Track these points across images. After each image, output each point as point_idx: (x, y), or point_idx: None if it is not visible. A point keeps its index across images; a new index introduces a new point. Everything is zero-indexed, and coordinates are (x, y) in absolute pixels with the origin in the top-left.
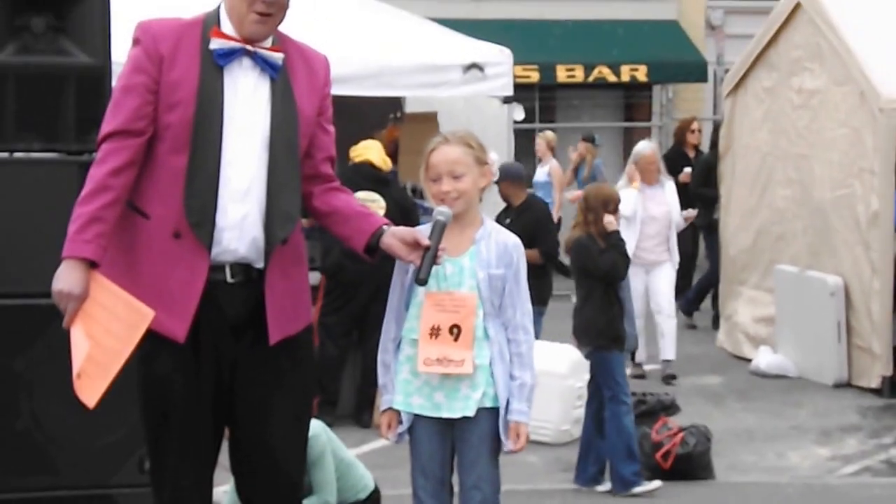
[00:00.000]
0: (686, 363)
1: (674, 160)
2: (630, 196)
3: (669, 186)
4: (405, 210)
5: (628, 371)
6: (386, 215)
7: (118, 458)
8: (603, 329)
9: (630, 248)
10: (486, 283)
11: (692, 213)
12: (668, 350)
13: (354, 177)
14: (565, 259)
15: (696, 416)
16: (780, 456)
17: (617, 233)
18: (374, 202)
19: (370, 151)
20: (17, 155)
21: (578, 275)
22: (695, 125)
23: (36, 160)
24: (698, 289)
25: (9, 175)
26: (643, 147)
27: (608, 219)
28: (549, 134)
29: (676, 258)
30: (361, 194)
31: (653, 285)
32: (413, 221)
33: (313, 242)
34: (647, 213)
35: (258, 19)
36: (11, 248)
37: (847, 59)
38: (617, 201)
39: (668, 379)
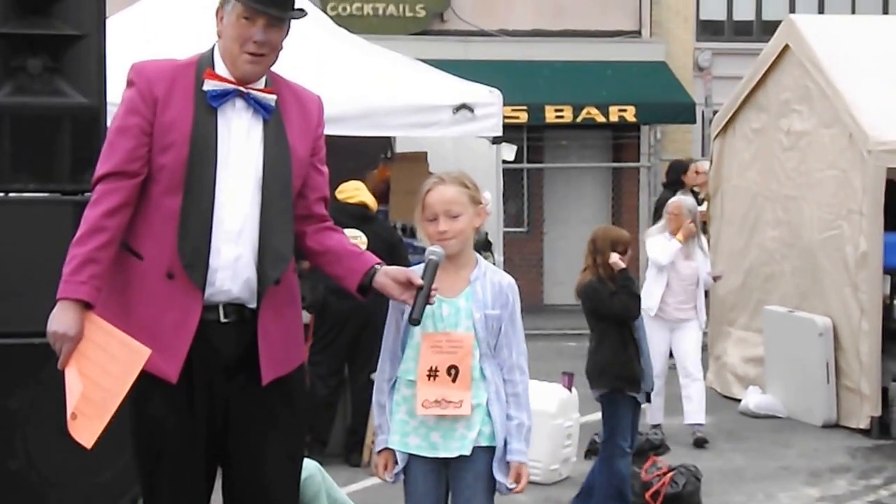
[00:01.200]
0: (675, 403)
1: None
2: (673, 247)
3: (702, 244)
4: (391, 245)
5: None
6: (371, 251)
7: (112, 497)
8: (619, 371)
9: (655, 302)
10: (483, 324)
11: (720, 272)
12: (697, 414)
13: (340, 216)
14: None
15: (686, 456)
16: (769, 496)
17: (625, 271)
18: (356, 238)
19: (363, 193)
20: (13, 195)
21: (591, 318)
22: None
23: (31, 200)
24: None
25: (4, 215)
26: (674, 198)
27: (614, 258)
28: None
29: (703, 318)
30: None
31: (678, 346)
32: (400, 256)
33: (304, 281)
34: (675, 267)
35: (250, 59)
36: (7, 288)
37: (835, 101)
38: (626, 242)
39: (700, 443)
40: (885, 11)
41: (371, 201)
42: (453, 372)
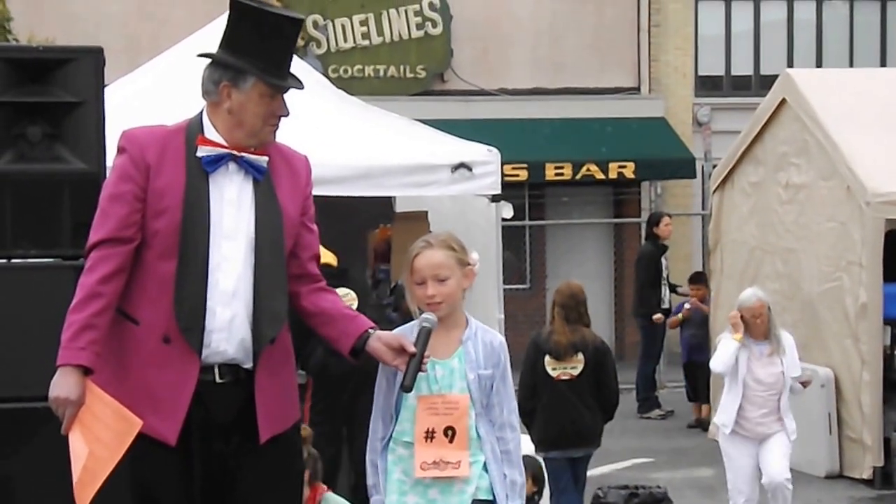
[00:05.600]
0: (678, 455)
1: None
2: (728, 348)
3: (787, 342)
4: (366, 298)
5: None
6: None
7: None
8: (599, 430)
9: (729, 417)
10: (476, 384)
11: (808, 374)
12: None
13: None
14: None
15: None
16: None
17: None
18: (345, 296)
19: (325, 256)
20: (15, 261)
21: (599, 377)
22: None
23: (33, 266)
24: (645, 383)
25: (7, 281)
26: (748, 297)
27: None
28: None
29: (792, 426)
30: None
31: (764, 458)
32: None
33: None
34: (752, 375)
35: (273, 130)
36: (10, 353)
37: (833, 153)
38: None
39: None
40: (883, 64)
41: (332, 259)
42: (450, 433)
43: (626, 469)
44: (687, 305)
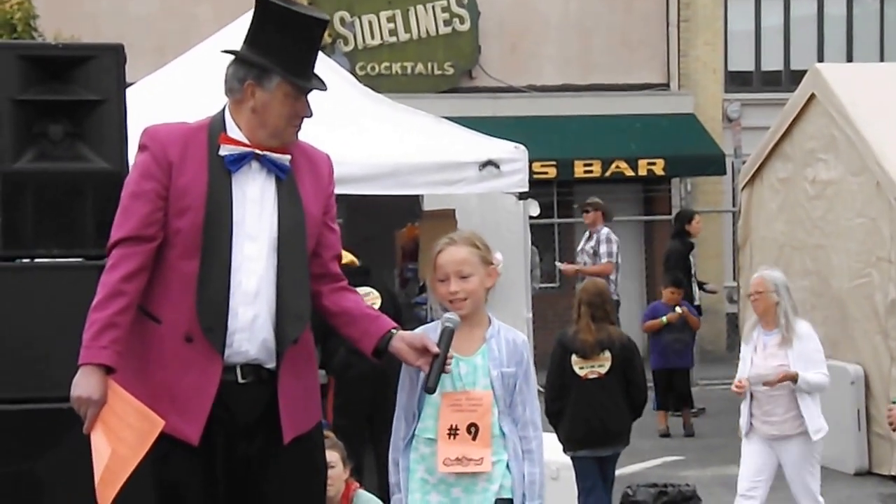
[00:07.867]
0: (707, 453)
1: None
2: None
3: (802, 331)
4: (392, 296)
5: None
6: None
7: None
8: (627, 428)
9: (743, 419)
10: (500, 381)
11: (782, 372)
12: None
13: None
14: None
15: None
16: None
17: None
18: (367, 295)
19: (345, 256)
20: (38, 261)
21: (625, 373)
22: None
23: (56, 265)
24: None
25: (29, 280)
26: (756, 273)
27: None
28: None
29: (816, 426)
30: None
31: (785, 471)
32: (398, 308)
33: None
34: (755, 369)
35: (297, 130)
36: (33, 353)
37: (862, 149)
38: None
39: None
40: None
41: (353, 259)
42: (473, 430)
43: (655, 467)
44: (679, 309)
